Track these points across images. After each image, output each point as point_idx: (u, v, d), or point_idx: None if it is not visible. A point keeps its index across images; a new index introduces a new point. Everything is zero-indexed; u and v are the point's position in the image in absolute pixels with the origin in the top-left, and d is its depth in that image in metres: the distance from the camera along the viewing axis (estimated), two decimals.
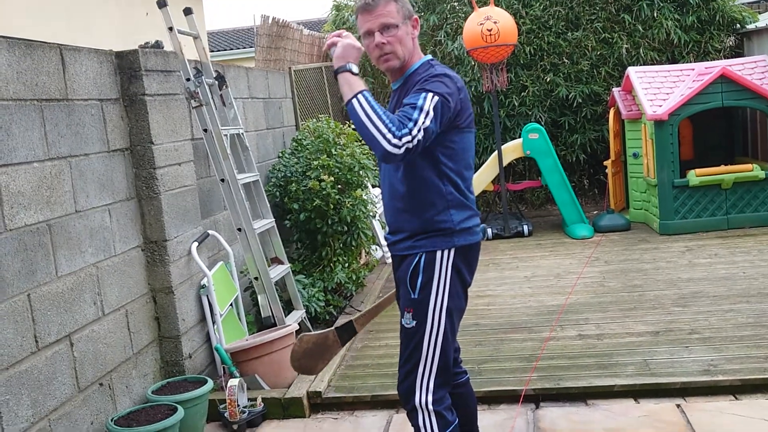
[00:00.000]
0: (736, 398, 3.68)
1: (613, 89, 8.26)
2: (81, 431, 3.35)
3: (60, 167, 3.38)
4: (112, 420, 3.47)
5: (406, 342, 2.64)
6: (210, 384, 3.87)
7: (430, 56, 2.71)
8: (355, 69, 2.50)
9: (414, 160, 2.52)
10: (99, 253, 3.63)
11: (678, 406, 3.64)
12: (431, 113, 2.38)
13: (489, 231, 7.96)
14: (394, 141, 2.31)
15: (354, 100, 2.40)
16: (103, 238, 3.68)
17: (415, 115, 2.36)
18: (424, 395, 2.60)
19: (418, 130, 2.33)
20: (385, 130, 2.32)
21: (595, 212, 8.82)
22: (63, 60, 3.47)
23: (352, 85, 2.45)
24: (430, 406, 2.59)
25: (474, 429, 2.97)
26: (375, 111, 2.36)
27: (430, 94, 2.41)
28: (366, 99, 2.39)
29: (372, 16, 2.59)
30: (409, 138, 2.32)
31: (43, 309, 3.16)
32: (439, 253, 2.58)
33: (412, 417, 2.64)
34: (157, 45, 4.24)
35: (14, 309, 2.98)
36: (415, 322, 2.59)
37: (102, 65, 3.81)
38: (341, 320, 5.41)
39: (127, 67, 3.96)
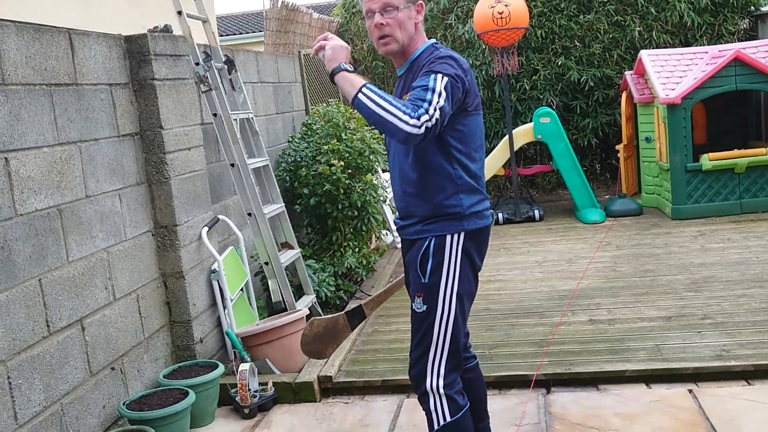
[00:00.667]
0: (749, 383, 3.65)
1: (626, 73, 8.18)
2: (93, 415, 3.37)
3: (70, 152, 3.37)
4: (124, 404, 3.49)
5: (417, 326, 2.63)
6: (221, 368, 3.88)
7: (434, 40, 2.68)
8: (350, 67, 2.48)
9: (424, 145, 2.49)
10: (110, 238, 3.63)
11: (690, 391, 3.62)
12: (443, 93, 2.35)
13: (500, 215, 7.93)
14: (413, 122, 2.28)
15: (360, 95, 2.36)
16: (114, 223, 3.68)
17: (428, 96, 2.33)
18: (435, 379, 2.59)
19: (434, 109, 2.31)
20: (400, 114, 2.29)
21: (606, 197, 8.76)
22: (72, 44, 3.46)
23: (353, 81, 2.42)
24: (441, 390, 2.59)
25: (484, 414, 2.96)
26: (384, 98, 2.33)
27: (440, 75, 2.38)
28: (371, 90, 2.36)
29: None
30: (427, 117, 2.29)
31: (55, 294, 3.17)
32: (448, 237, 2.57)
33: (424, 401, 2.64)
34: (166, 29, 4.22)
35: (26, 294, 2.99)
36: (425, 306, 2.59)
37: (111, 50, 3.80)
38: (352, 305, 5.41)
39: (136, 51, 3.94)
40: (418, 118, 2.28)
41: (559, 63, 8.96)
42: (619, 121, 8.77)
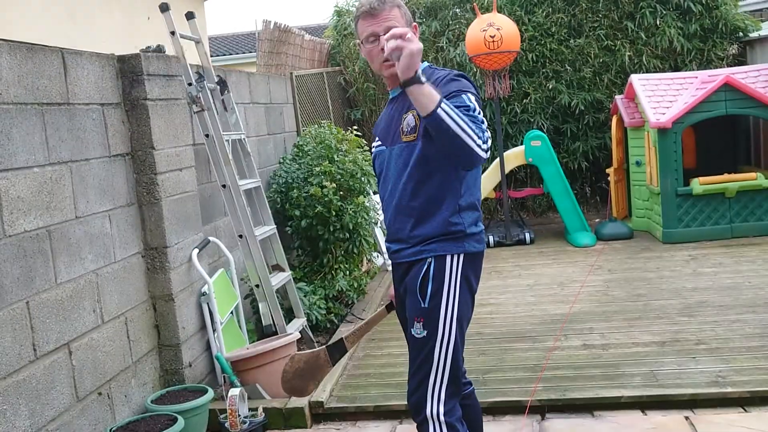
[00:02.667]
0: (746, 410, 3.62)
1: (616, 97, 8.23)
2: None
3: (60, 172, 3.32)
4: (110, 430, 3.41)
5: (416, 352, 2.57)
6: (210, 393, 3.81)
7: (427, 63, 2.63)
8: (424, 78, 2.32)
9: (436, 159, 2.46)
10: (99, 259, 3.57)
11: (687, 418, 3.59)
12: (479, 110, 2.38)
13: (491, 238, 7.91)
14: (483, 146, 2.28)
15: (439, 110, 2.24)
16: (103, 244, 3.62)
17: (478, 116, 2.34)
18: (435, 406, 2.53)
19: (486, 129, 2.33)
20: (474, 136, 2.26)
21: (597, 220, 8.77)
22: (65, 64, 3.42)
23: (432, 95, 2.28)
24: (442, 417, 2.52)
25: None
26: (461, 117, 2.26)
27: (467, 94, 2.39)
28: (449, 106, 2.27)
29: (377, 20, 2.53)
30: (489, 138, 2.33)
31: (42, 317, 3.10)
32: (448, 258, 2.51)
33: (423, 429, 2.57)
34: (159, 49, 4.20)
35: (13, 317, 2.92)
36: (426, 331, 2.52)
37: (104, 69, 3.76)
38: (342, 329, 5.35)
39: (129, 71, 3.91)
40: (486, 141, 2.29)
41: (550, 86, 9.00)
42: (610, 145, 8.80)
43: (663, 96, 7.50)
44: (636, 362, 4.20)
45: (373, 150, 2.78)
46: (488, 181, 8.06)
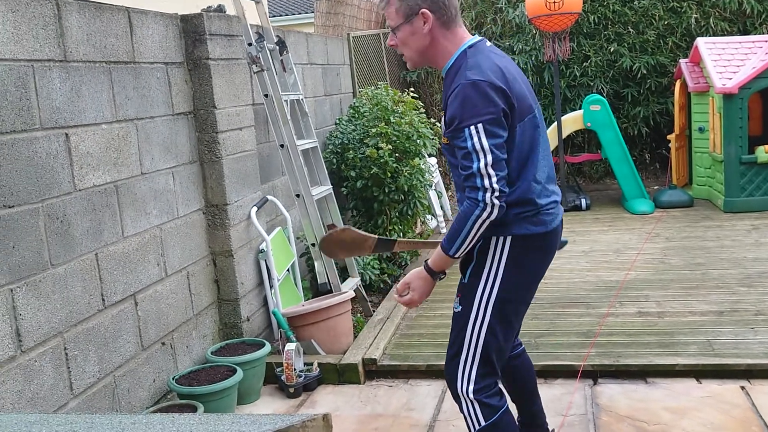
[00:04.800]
0: None
1: (680, 60, 7.98)
2: (144, 388, 3.44)
3: (127, 129, 3.42)
4: (173, 378, 3.55)
5: (453, 325, 2.55)
6: (267, 347, 3.92)
7: (467, 44, 2.41)
8: (429, 272, 2.46)
9: (456, 167, 2.39)
10: (163, 215, 3.68)
11: (742, 388, 3.55)
12: (486, 145, 2.22)
13: None
14: (486, 211, 2.25)
15: (453, 253, 2.36)
16: (167, 200, 3.73)
17: (474, 165, 2.23)
18: (465, 384, 2.48)
19: (489, 178, 2.22)
20: (474, 220, 2.27)
21: (656, 187, 8.60)
22: (131, 23, 3.50)
23: (441, 260, 2.42)
24: (471, 396, 2.47)
25: (535, 397, 2.91)
26: (458, 231, 2.31)
27: (472, 128, 2.23)
28: (449, 242, 2.35)
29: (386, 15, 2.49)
30: (489, 194, 2.23)
31: (110, 268, 3.23)
32: (493, 240, 2.42)
33: (457, 403, 2.55)
34: (220, 9, 4.24)
35: (83, 267, 3.05)
36: (461, 307, 2.50)
37: (167, 28, 3.83)
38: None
39: (191, 30, 3.97)
40: (484, 204, 2.24)
41: (612, 49, 8.78)
42: (672, 111, 8.57)
43: (730, 60, 7.25)
44: (692, 331, 4.16)
45: None
46: None
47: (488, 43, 2.46)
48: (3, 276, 2.61)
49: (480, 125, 2.22)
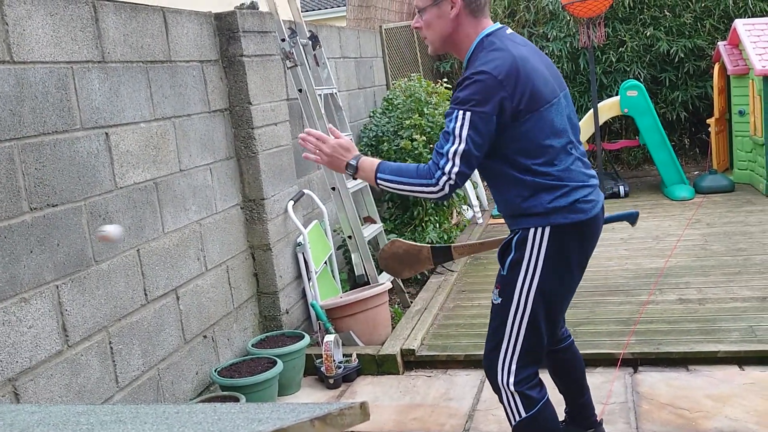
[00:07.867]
0: None
1: (719, 43, 7.82)
2: (187, 380, 3.51)
3: (165, 127, 3.49)
4: (216, 370, 3.62)
5: (492, 317, 2.54)
6: (307, 339, 3.97)
7: (486, 32, 2.40)
8: (353, 161, 2.45)
9: (486, 163, 2.39)
10: (202, 210, 3.75)
11: None
12: (465, 133, 2.25)
13: None
14: (432, 189, 2.31)
15: (378, 182, 2.41)
16: (205, 196, 3.79)
17: (447, 146, 2.28)
18: (505, 376, 2.47)
19: (453, 164, 2.26)
20: (418, 186, 2.33)
21: (695, 173, 8.46)
22: (166, 22, 3.56)
23: (366, 171, 2.44)
24: (511, 387, 2.46)
25: (584, 389, 2.89)
26: (400, 175, 2.36)
27: (461, 113, 2.26)
28: (384, 172, 2.39)
29: None
30: (445, 177, 2.28)
31: (152, 263, 3.31)
32: (531, 231, 2.39)
33: (497, 394, 2.55)
34: (253, 6, 4.29)
35: (125, 263, 3.13)
36: (501, 299, 2.48)
37: (202, 27, 3.89)
38: (432, 280, 5.42)
39: (225, 28, 4.03)
40: (437, 182, 2.29)
41: (648, 34, 8.64)
42: (711, 94, 8.41)
43: None
44: (734, 317, 4.10)
45: None
46: (581, 133, 7.87)
47: (509, 31, 2.45)
48: (49, 273, 2.69)
49: (468, 113, 2.27)
